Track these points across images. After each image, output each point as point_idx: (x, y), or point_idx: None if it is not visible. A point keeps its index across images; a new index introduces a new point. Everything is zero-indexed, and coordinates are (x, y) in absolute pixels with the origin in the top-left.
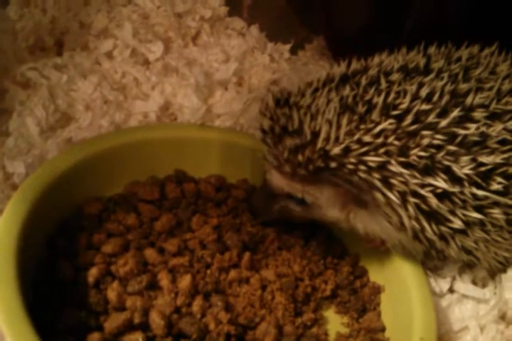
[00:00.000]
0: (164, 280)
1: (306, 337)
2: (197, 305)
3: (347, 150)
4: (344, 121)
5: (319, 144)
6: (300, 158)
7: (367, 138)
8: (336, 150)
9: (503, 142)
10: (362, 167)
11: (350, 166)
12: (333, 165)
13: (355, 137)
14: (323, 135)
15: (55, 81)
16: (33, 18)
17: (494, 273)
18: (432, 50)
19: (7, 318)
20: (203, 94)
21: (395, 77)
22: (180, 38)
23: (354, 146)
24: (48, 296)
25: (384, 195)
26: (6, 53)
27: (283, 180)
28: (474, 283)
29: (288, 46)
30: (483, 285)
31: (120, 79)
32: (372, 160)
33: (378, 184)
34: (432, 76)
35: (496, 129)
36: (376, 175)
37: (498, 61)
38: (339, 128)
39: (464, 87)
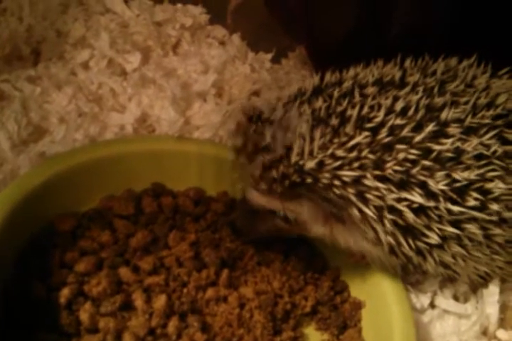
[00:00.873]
0: (138, 300)
1: None
2: (172, 325)
3: (321, 165)
4: (317, 134)
5: (293, 159)
6: (274, 173)
7: (341, 152)
8: (311, 164)
9: (479, 157)
10: (336, 182)
11: (325, 181)
12: (308, 180)
13: (329, 151)
14: (296, 149)
15: (29, 93)
16: (8, 26)
17: (476, 288)
18: (408, 63)
19: None
20: (180, 106)
21: (370, 90)
22: (160, 47)
23: (328, 161)
24: (20, 318)
25: (360, 210)
26: None
27: (262, 198)
28: (456, 297)
29: (269, 55)
30: (465, 300)
31: (96, 91)
32: (347, 174)
33: (354, 199)
34: (407, 90)
35: (472, 144)
36: (351, 190)
37: (476, 73)
38: (312, 141)
39: (439, 101)
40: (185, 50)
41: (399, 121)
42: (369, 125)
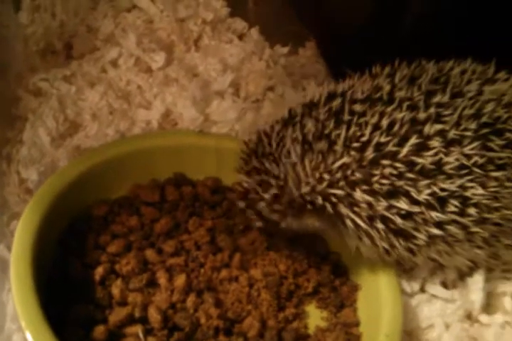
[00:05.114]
0: (162, 278)
1: (287, 331)
2: (190, 301)
3: (313, 188)
4: (307, 161)
5: (291, 187)
6: (279, 206)
7: (327, 175)
8: (306, 189)
9: (460, 167)
10: (331, 199)
11: (319, 202)
12: (309, 202)
13: (318, 175)
14: (291, 179)
15: (65, 91)
16: (42, 22)
17: (463, 276)
18: (399, 75)
19: (24, 313)
20: (200, 105)
21: (358, 107)
22: (183, 43)
23: (319, 185)
24: (60, 292)
25: (353, 221)
26: (19, 59)
27: (282, 223)
28: (444, 284)
29: (286, 49)
30: (453, 287)
31: (125, 88)
32: (336, 193)
33: (346, 213)
34: (393, 106)
35: (454, 156)
36: (343, 205)
37: (471, 78)
38: (304, 168)
39: (423, 115)
40: (206, 44)
41: (384, 138)
42: (355, 144)
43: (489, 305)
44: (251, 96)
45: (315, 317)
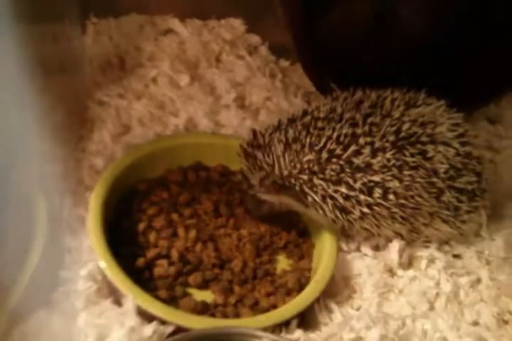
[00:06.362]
0: (181, 232)
1: (260, 269)
2: (198, 246)
3: (290, 174)
4: (286, 155)
5: (276, 172)
6: (266, 181)
7: (299, 166)
8: (285, 173)
9: (382, 167)
10: (299, 182)
11: (293, 182)
12: (286, 183)
13: (294, 165)
14: (276, 166)
15: (119, 103)
16: (102, 44)
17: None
18: (348, 100)
19: (97, 249)
20: (212, 115)
21: (319, 124)
22: (205, 61)
23: (293, 171)
24: (118, 237)
25: (313, 198)
26: (87, 76)
27: (264, 195)
28: (377, 247)
29: (288, 62)
30: (382, 249)
31: (161, 99)
32: (303, 177)
33: (308, 191)
34: (341, 123)
35: (378, 159)
36: (306, 187)
37: (399, 103)
38: (284, 160)
39: (360, 131)
40: (224, 61)
41: (334, 145)
42: (316, 148)
43: (409, 264)
44: (252, 105)
45: (282, 263)
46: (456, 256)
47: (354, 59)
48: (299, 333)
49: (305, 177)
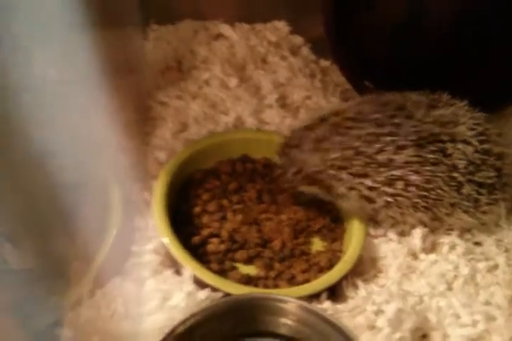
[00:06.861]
0: (229, 215)
1: (297, 249)
2: (244, 228)
3: (320, 169)
4: (316, 153)
5: (307, 167)
6: (299, 176)
7: (328, 162)
8: (315, 169)
9: (405, 162)
10: (328, 176)
11: (322, 176)
12: (316, 177)
13: (323, 161)
14: (308, 162)
15: (178, 104)
16: (162, 48)
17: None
18: (375, 102)
19: (161, 228)
20: (256, 113)
21: (349, 124)
22: (252, 63)
23: (322, 166)
24: (177, 219)
25: (340, 189)
26: (148, 79)
27: (299, 188)
28: (402, 233)
29: (328, 62)
30: (407, 234)
31: (213, 99)
32: (331, 172)
33: (335, 184)
34: (368, 124)
35: (400, 156)
36: (335, 180)
37: (422, 105)
38: (314, 157)
39: (384, 130)
40: (269, 62)
41: (359, 143)
42: (343, 146)
43: (432, 249)
44: (293, 104)
45: (317, 245)
46: (476, 244)
47: (387, 58)
48: (327, 304)
49: (333, 172)
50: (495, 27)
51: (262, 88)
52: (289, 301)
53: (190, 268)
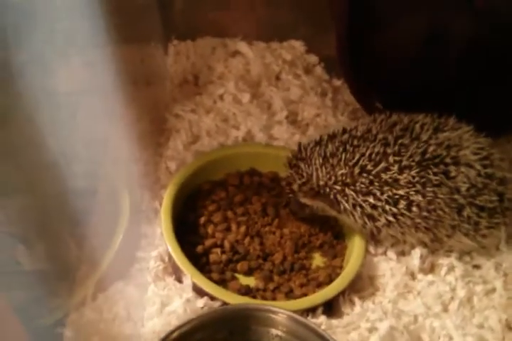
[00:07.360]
0: (233, 227)
1: (297, 264)
2: (246, 240)
3: (326, 183)
4: (324, 168)
5: (314, 180)
6: (305, 188)
7: (334, 178)
8: (321, 183)
9: (408, 182)
10: (333, 191)
11: (328, 190)
12: (321, 190)
13: (329, 176)
14: (314, 175)
15: (191, 117)
16: (181, 63)
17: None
18: (384, 123)
19: (167, 236)
20: (266, 129)
21: (355, 142)
22: (266, 80)
23: (329, 181)
24: (183, 229)
25: (344, 205)
26: (167, 92)
27: (303, 199)
28: (402, 253)
29: (340, 82)
30: (406, 254)
31: (226, 114)
32: (337, 188)
33: (341, 199)
34: (375, 143)
35: (404, 175)
36: (339, 195)
37: (429, 128)
38: (322, 171)
39: (390, 150)
40: (283, 80)
41: (365, 162)
42: (350, 163)
43: (430, 270)
44: (303, 121)
45: (317, 260)
46: (475, 266)
47: (400, 81)
48: (322, 318)
49: (338, 187)
50: (508, 52)
51: (273, 104)
52: (279, 312)
53: (191, 276)
